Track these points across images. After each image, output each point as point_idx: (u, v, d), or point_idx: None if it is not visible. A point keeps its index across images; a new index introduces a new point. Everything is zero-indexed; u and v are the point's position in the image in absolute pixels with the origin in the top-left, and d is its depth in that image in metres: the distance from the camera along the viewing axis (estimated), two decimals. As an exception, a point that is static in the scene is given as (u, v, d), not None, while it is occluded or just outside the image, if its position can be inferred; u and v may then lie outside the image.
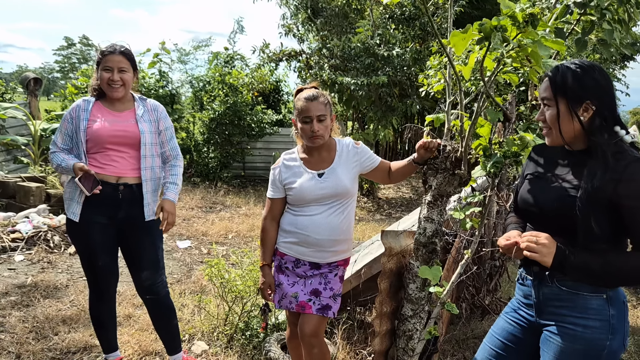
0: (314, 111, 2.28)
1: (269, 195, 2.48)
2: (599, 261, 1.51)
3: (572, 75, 1.58)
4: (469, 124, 2.20)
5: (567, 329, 1.60)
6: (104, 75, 2.55)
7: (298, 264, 2.43)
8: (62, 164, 2.54)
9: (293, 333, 2.56)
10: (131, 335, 3.34)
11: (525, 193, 1.74)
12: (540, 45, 1.75)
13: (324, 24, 9.79)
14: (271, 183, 2.47)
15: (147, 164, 2.63)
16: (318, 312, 2.39)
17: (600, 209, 1.50)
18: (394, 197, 9.74)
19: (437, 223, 2.39)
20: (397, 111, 8.84)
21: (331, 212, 2.35)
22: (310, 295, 2.41)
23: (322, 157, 2.41)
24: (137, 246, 2.69)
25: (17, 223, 5.47)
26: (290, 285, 2.44)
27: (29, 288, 4.13)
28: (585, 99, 1.56)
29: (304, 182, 2.35)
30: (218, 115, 9.41)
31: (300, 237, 2.37)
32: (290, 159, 2.45)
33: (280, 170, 2.43)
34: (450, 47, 1.98)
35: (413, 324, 2.42)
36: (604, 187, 1.49)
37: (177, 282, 4.55)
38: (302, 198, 2.35)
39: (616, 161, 1.50)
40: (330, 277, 2.43)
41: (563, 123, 1.60)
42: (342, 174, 2.37)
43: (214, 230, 6.37)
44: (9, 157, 8.29)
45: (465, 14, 8.93)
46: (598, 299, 1.57)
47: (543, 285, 1.67)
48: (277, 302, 2.48)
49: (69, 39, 60.19)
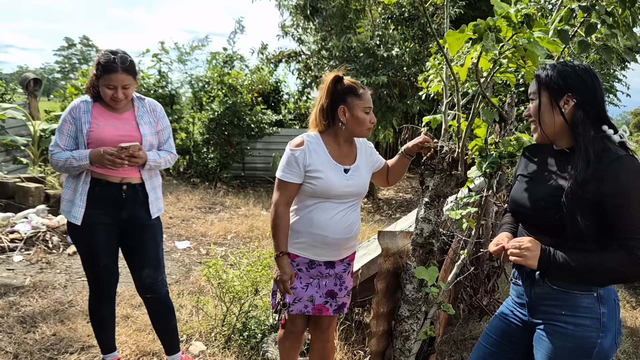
0: (370, 102, 2.25)
1: (283, 177, 2.19)
2: (578, 260, 1.52)
3: (557, 71, 1.63)
4: (465, 124, 2.21)
5: (558, 327, 1.61)
6: (106, 92, 2.50)
7: (312, 264, 2.31)
8: (75, 155, 2.46)
9: (291, 335, 2.50)
10: (129, 336, 3.34)
11: (515, 194, 1.76)
12: (536, 45, 1.75)
13: (323, 24, 9.79)
14: (288, 164, 2.18)
15: (145, 166, 2.63)
16: (335, 312, 2.39)
17: (585, 207, 1.51)
18: (394, 198, 9.74)
19: (434, 224, 2.39)
20: (397, 111, 8.84)
21: (349, 210, 2.29)
22: (327, 298, 2.36)
23: (345, 151, 2.30)
24: (139, 244, 2.69)
25: (16, 223, 5.47)
26: (304, 288, 2.33)
27: (27, 288, 4.13)
28: (566, 92, 1.60)
29: (332, 175, 2.19)
30: (217, 115, 9.40)
31: (317, 238, 2.24)
32: (315, 143, 2.22)
33: (305, 152, 2.17)
34: (446, 47, 1.98)
35: (410, 325, 2.42)
36: (588, 184, 1.50)
37: (176, 282, 4.55)
38: (327, 192, 2.18)
39: (599, 159, 1.51)
40: (344, 277, 2.40)
41: (544, 114, 1.64)
42: (364, 173, 2.33)
43: (213, 231, 6.37)
44: (8, 158, 8.29)
45: (465, 14, 8.93)
46: (589, 297, 1.58)
47: (535, 285, 1.68)
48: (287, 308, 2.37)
49: (70, 40, 60.39)
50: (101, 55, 2.51)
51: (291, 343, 2.52)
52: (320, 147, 2.23)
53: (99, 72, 2.48)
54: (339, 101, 2.21)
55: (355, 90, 2.22)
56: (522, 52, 1.78)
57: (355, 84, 2.25)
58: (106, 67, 2.46)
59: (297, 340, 2.54)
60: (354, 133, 2.27)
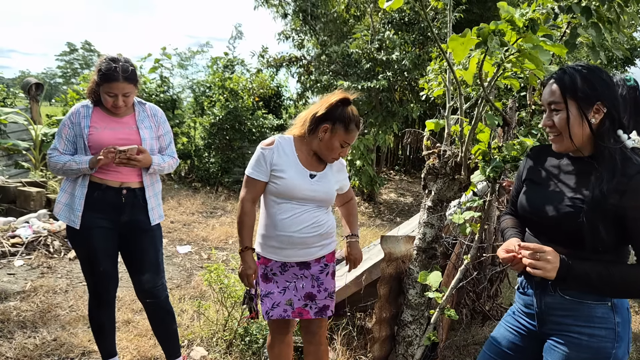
0: (353, 140, 2.27)
1: (251, 175, 2.27)
2: (599, 272, 1.48)
3: (581, 76, 1.51)
4: (468, 129, 2.20)
5: (572, 338, 1.57)
6: (107, 99, 2.50)
7: (285, 267, 2.33)
8: (76, 158, 2.47)
9: (277, 340, 2.49)
10: (130, 341, 3.32)
11: (527, 200, 1.68)
12: (540, 49, 1.74)
13: (323, 30, 9.80)
14: (256, 162, 2.26)
15: (149, 170, 2.63)
16: (317, 315, 2.36)
17: (607, 218, 1.47)
18: (395, 202, 9.73)
19: (437, 228, 2.38)
20: (398, 116, 8.85)
21: (315, 211, 2.29)
22: (305, 300, 2.35)
23: (314, 161, 2.33)
24: (139, 249, 2.69)
25: (17, 228, 5.46)
26: (281, 292, 2.34)
27: (28, 293, 4.11)
28: (596, 100, 1.50)
29: (295, 177, 2.24)
30: (219, 120, 9.41)
31: (283, 239, 2.26)
32: (286, 145, 2.30)
33: (274, 152, 2.25)
34: (449, 52, 1.98)
35: (413, 330, 2.41)
36: (611, 196, 1.46)
37: (177, 287, 4.54)
38: (289, 193, 2.23)
39: (623, 169, 1.46)
40: (322, 278, 2.37)
41: (574, 127, 1.51)
42: (332, 182, 2.33)
43: (214, 236, 6.36)
44: (9, 162, 8.30)
45: (465, 19, 8.95)
46: (603, 307, 1.54)
47: (546, 295, 1.63)
48: (265, 314, 2.36)
49: (72, 45, 60.41)
50: (102, 61, 2.50)
51: (280, 348, 2.50)
52: (290, 150, 2.28)
53: (100, 79, 2.47)
54: (329, 119, 2.24)
55: (348, 123, 2.24)
56: (526, 56, 1.77)
57: (351, 118, 2.26)
58: (107, 76, 2.45)
59: (286, 345, 2.51)
60: (321, 152, 2.30)
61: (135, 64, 2.64)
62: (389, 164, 13.12)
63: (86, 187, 2.54)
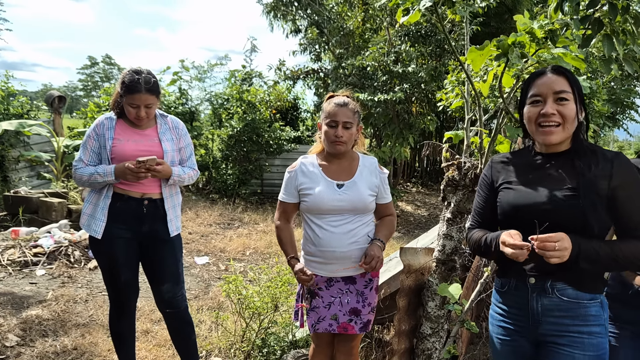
0: (341, 116, 2.23)
1: (281, 197, 2.39)
2: (604, 248, 1.52)
3: (571, 73, 1.64)
4: (488, 140, 2.20)
5: (574, 338, 1.61)
6: (130, 110, 2.56)
7: (331, 282, 2.33)
8: (100, 170, 2.52)
9: (319, 352, 2.49)
10: (149, 351, 3.34)
11: (514, 199, 1.66)
12: (560, 61, 1.75)
13: (340, 43, 9.88)
14: (285, 186, 2.37)
15: (169, 181, 2.67)
16: (361, 330, 2.36)
17: (600, 200, 1.54)
18: (412, 214, 9.68)
19: (456, 240, 2.37)
20: (415, 128, 8.84)
21: (352, 224, 2.27)
22: (351, 315, 2.34)
23: (342, 167, 2.33)
24: (159, 259, 2.72)
25: (39, 238, 5.57)
26: (326, 307, 2.34)
27: (49, 302, 4.18)
28: (582, 98, 1.62)
29: (322, 190, 2.26)
30: (236, 132, 9.51)
31: (327, 255, 2.27)
32: (309, 164, 2.36)
33: (297, 174, 2.33)
34: (468, 64, 1.98)
35: (432, 343, 2.39)
36: (599, 181, 1.54)
37: (195, 298, 4.56)
38: (318, 207, 2.26)
39: (602, 156, 1.58)
40: (367, 293, 2.36)
41: (573, 119, 1.61)
42: (362, 189, 2.29)
43: (231, 247, 6.40)
44: (32, 173, 8.47)
45: (482, 32, 8.95)
46: (595, 305, 1.61)
47: (542, 297, 1.63)
48: (311, 327, 2.36)
49: (92, 58, 61.67)
50: (126, 74, 2.56)
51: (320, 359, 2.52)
52: (314, 167, 2.33)
53: (123, 91, 2.53)
54: (321, 118, 2.32)
55: (325, 106, 2.29)
56: (545, 66, 1.77)
57: (331, 97, 2.31)
58: (130, 87, 2.51)
59: (326, 356, 2.53)
60: (328, 148, 2.31)
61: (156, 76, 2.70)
62: (406, 177, 13.08)
63: (110, 199, 2.59)
